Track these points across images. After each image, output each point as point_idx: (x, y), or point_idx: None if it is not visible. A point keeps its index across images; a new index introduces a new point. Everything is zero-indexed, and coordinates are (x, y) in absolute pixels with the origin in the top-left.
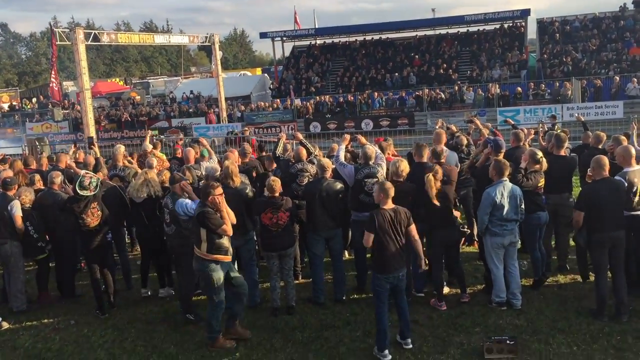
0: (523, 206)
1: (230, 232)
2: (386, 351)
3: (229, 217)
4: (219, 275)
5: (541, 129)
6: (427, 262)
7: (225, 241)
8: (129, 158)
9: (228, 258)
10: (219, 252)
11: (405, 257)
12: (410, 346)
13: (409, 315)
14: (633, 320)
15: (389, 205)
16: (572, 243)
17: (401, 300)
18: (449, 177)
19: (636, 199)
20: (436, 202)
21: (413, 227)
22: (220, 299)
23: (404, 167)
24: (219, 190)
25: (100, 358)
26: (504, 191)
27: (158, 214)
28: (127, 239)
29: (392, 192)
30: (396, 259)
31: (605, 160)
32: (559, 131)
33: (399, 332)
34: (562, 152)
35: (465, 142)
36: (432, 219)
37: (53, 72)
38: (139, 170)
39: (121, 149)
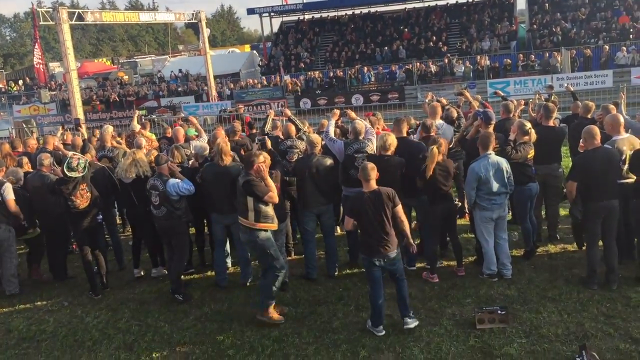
0: (512, 178)
1: (277, 200)
2: (380, 327)
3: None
4: (271, 241)
5: (538, 100)
6: (413, 242)
7: (271, 209)
8: (118, 139)
9: (274, 226)
10: (266, 221)
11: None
12: (412, 326)
13: (407, 298)
14: (622, 287)
15: (370, 187)
16: (562, 213)
17: (399, 285)
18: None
19: (625, 167)
20: (430, 175)
21: (399, 209)
22: (282, 264)
23: (392, 141)
24: (262, 158)
25: (94, 338)
26: (488, 165)
27: (147, 194)
28: (118, 220)
29: (372, 174)
30: (382, 242)
31: (596, 129)
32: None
33: (400, 312)
34: (551, 123)
35: (455, 114)
36: (431, 192)
37: (38, 53)
38: (128, 151)
39: (109, 129)
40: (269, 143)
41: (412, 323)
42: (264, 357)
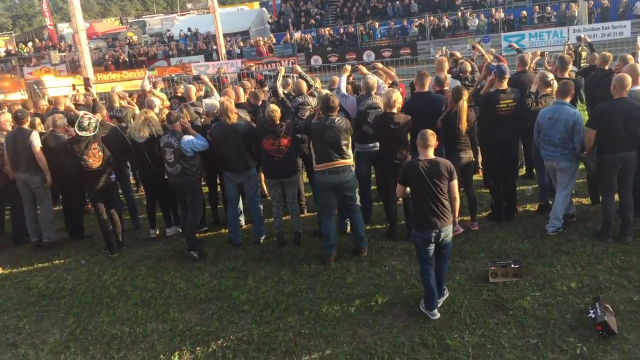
0: (577, 137)
1: None
2: (435, 310)
3: None
4: None
5: (567, 51)
6: (456, 220)
7: None
8: (128, 99)
9: None
10: None
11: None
12: (437, 316)
13: (444, 278)
14: (637, 240)
15: (427, 155)
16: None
17: (441, 263)
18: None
19: None
20: (465, 126)
21: (454, 184)
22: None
23: (397, 97)
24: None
25: (112, 295)
26: (553, 114)
27: (158, 152)
28: (132, 180)
29: (432, 141)
30: (436, 214)
31: (629, 80)
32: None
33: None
34: (567, 74)
35: (469, 68)
36: (453, 142)
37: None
38: (138, 111)
39: (116, 89)
40: (280, 91)
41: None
42: (278, 312)
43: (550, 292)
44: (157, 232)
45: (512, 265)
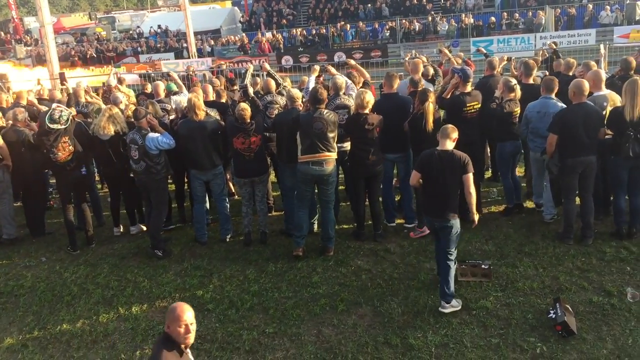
0: None
1: None
2: (453, 301)
3: None
4: None
5: (542, 56)
6: (475, 217)
7: None
8: (92, 93)
9: None
10: None
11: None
12: (446, 311)
13: (447, 277)
14: (597, 242)
15: (445, 147)
16: None
17: (443, 251)
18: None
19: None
20: (431, 128)
21: (468, 177)
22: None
23: (369, 98)
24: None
25: (73, 293)
26: (537, 107)
27: (123, 150)
28: (96, 177)
29: (453, 135)
30: (438, 205)
31: (587, 85)
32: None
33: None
34: (531, 80)
35: (431, 72)
36: (420, 144)
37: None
38: (103, 106)
39: (82, 84)
40: (250, 90)
41: (447, 309)
42: (243, 311)
43: (512, 292)
44: (121, 230)
45: (482, 266)
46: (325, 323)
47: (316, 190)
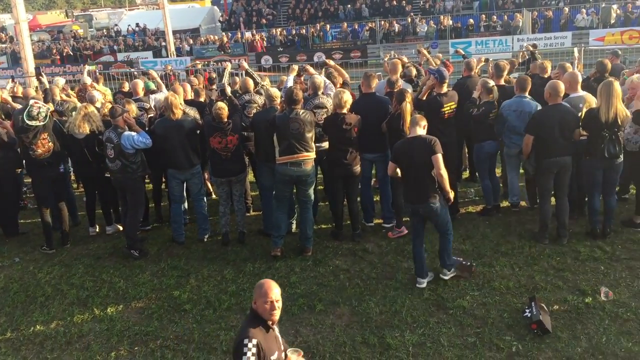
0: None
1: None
2: (422, 279)
3: None
4: None
5: (522, 58)
6: (450, 196)
7: None
8: (69, 91)
9: None
10: None
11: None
12: (447, 277)
13: (446, 247)
14: (572, 242)
15: (414, 133)
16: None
17: (441, 237)
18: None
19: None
20: (408, 127)
21: (437, 157)
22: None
23: (347, 97)
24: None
25: (47, 294)
26: (514, 106)
27: (99, 150)
28: (72, 175)
29: (422, 122)
30: (418, 189)
31: (562, 86)
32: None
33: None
34: (502, 82)
35: (414, 72)
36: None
37: None
38: (79, 105)
39: (59, 82)
40: (228, 89)
41: (448, 275)
42: (220, 311)
43: (488, 291)
44: (97, 230)
45: (466, 263)
46: (303, 323)
47: (294, 190)
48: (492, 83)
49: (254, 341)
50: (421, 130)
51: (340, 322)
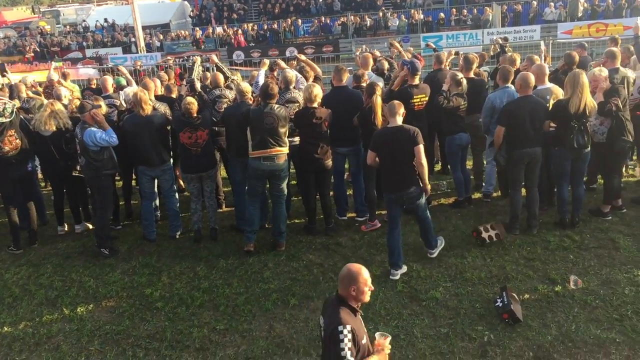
0: None
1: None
2: (396, 268)
3: None
4: None
5: (493, 51)
6: (427, 188)
7: None
8: (36, 89)
9: None
10: None
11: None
12: (434, 254)
13: (428, 229)
14: (542, 232)
15: (394, 123)
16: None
17: (421, 225)
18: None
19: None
20: (380, 121)
21: (419, 148)
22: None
23: (317, 91)
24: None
25: (15, 295)
26: (504, 97)
27: (65, 148)
28: (39, 174)
29: (400, 110)
30: (398, 178)
31: (532, 78)
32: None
33: (424, 244)
34: (471, 74)
35: (386, 66)
36: (370, 138)
37: None
38: (45, 102)
39: (27, 79)
40: (197, 85)
41: (434, 252)
42: (193, 308)
43: (461, 282)
44: (66, 229)
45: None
46: (277, 318)
47: (267, 185)
48: (460, 75)
49: (349, 327)
50: (400, 118)
51: (314, 316)
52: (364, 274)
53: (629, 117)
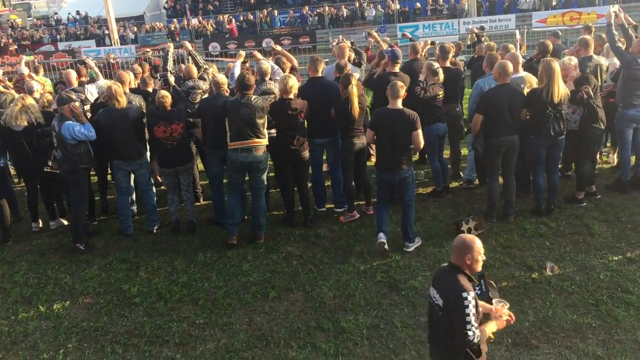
0: None
1: None
2: (380, 234)
3: None
4: None
5: (470, 40)
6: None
7: None
8: (6, 83)
9: None
10: None
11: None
12: (410, 249)
13: (410, 221)
14: (518, 219)
15: (395, 105)
16: (464, 152)
17: (405, 210)
18: None
19: None
20: (357, 112)
21: (418, 133)
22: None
23: (293, 83)
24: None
25: None
26: (492, 83)
27: (36, 144)
28: (12, 170)
29: (401, 92)
30: (390, 160)
31: (511, 66)
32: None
33: (402, 235)
34: (447, 63)
35: (352, 56)
36: (347, 128)
37: None
38: (16, 96)
39: None
40: (171, 79)
41: (411, 247)
42: (172, 303)
43: None
44: (40, 225)
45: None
46: (257, 311)
47: (247, 178)
48: (437, 65)
49: (472, 293)
50: (400, 101)
51: (294, 308)
52: (478, 243)
53: (601, 105)
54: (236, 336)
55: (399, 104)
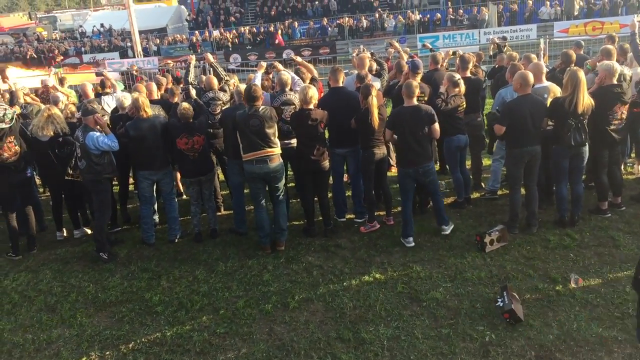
0: None
1: None
2: (410, 238)
3: None
4: None
5: (492, 50)
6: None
7: None
8: (31, 96)
9: None
10: None
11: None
12: (448, 232)
13: (441, 206)
14: (541, 231)
15: (411, 103)
16: (487, 162)
17: (434, 198)
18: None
19: None
20: (376, 122)
21: (435, 126)
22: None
23: (313, 93)
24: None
25: (14, 301)
26: (514, 93)
27: (58, 152)
28: (37, 180)
29: (416, 91)
30: (415, 154)
31: (531, 77)
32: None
33: (436, 221)
34: (468, 74)
35: (375, 67)
36: (367, 139)
37: None
38: (42, 107)
39: (17, 85)
40: (192, 92)
41: (448, 229)
42: (193, 312)
43: (461, 282)
44: (65, 234)
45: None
46: (277, 321)
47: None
48: (458, 76)
49: None
50: (416, 99)
51: (314, 319)
52: None
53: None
54: (256, 346)
55: (414, 101)
